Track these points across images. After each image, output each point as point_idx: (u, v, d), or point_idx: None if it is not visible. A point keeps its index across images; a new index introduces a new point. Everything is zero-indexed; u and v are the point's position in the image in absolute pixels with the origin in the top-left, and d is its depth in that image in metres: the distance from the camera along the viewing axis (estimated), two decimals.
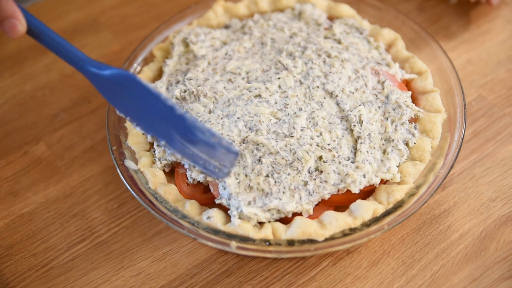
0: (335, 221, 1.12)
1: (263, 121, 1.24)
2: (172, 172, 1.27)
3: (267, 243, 1.11)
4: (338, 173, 1.17)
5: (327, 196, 1.16)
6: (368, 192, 1.19)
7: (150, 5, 1.77)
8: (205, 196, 1.22)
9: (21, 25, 1.08)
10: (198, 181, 1.22)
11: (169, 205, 1.17)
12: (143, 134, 1.23)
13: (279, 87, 1.31)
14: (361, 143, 1.21)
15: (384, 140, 1.23)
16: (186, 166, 1.21)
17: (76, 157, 1.42)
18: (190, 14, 1.53)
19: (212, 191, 1.20)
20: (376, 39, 1.44)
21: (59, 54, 1.13)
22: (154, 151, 1.25)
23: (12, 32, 1.07)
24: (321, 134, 1.23)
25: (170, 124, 1.12)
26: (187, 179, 1.22)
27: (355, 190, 1.15)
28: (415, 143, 1.23)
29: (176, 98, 1.28)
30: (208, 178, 1.18)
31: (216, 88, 1.30)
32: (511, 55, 1.54)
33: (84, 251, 1.26)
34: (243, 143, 1.21)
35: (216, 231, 1.12)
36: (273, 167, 1.18)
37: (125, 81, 1.11)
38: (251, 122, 1.24)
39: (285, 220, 1.15)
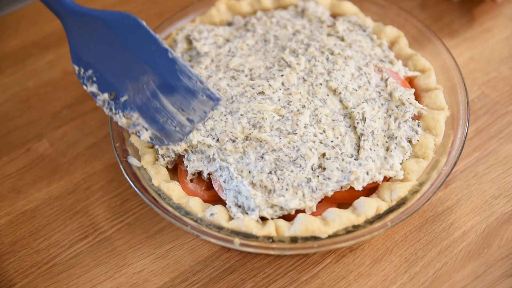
0: (338, 218, 1.12)
1: (266, 118, 1.24)
2: (175, 169, 1.27)
3: (270, 240, 1.11)
4: (341, 170, 1.17)
5: (330, 193, 1.16)
6: (371, 189, 1.19)
7: (152, 2, 1.77)
8: (208, 193, 1.22)
9: None
10: (199, 175, 1.22)
11: (172, 202, 1.17)
12: (91, 92, 1.17)
13: (282, 84, 1.31)
14: (364, 140, 1.21)
15: (387, 137, 1.23)
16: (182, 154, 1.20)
17: (79, 154, 1.42)
18: (192, 11, 1.53)
19: (216, 188, 1.20)
20: (379, 36, 1.44)
21: None
22: (157, 148, 1.25)
23: None
24: (324, 131, 1.23)
25: (153, 70, 1.12)
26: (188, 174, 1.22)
27: (358, 187, 1.15)
28: (418, 141, 1.23)
29: None
30: (158, 147, 1.19)
31: (219, 85, 1.31)
32: None
33: (87, 248, 1.26)
34: (246, 140, 1.21)
35: (219, 228, 1.12)
36: (276, 164, 1.18)
37: (124, 21, 1.12)
38: (254, 119, 1.24)
39: (288, 217, 1.15)
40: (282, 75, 1.31)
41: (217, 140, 1.22)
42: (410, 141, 1.24)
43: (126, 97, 1.15)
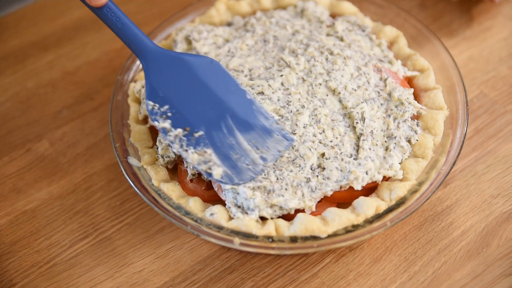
0: (338, 218, 1.12)
1: None
2: (175, 169, 1.27)
3: (270, 240, 1.11)
4: (341, 170, 1.18)
5: (329, 193, 1.16)
6: (370, 189, 1.20)
7: (152, 2, 1.77)
8: (208, 193, 1.22)
9: None
10: (199, 175, 1.22)
11: (172, 201, 1.17)
12: (163, 128, 1.17)
13: (282, 84, 1.31)
14: (363, 140, 1.21)
15: (387, 137, 1.24)
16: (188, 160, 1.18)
17: (79, 154, 1.42)
18: (192, 12, 1.53)
19: (215, 188, 1.21)
20: (378, 36, 1.44)
21: (121, 34, 1.21)
22: (157, 148, 1.26)
23: (95, 2, 1.15)
24: (323, 131, 1.23)
25: (233, 108, 1.17)
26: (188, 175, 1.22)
27: (358, 187, 1.16)
28: (417, 140, 1.24)
29: None
30: (158, 147, 1.23)
31: None
32: None
33: (87, 248, 1.26)
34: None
35: (219, 228, 1.13)
36: (275, 164, 1.18)
37: (205, 63, 1.19)
38: None
39: (288, 217, 1.15)
40: (281, 75, 1.32)
41: None
42: (409, 141, 1.24)
43: (202, 133, 1.16)
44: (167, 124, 1.17)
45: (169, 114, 1.17)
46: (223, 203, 1.19)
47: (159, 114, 1.17)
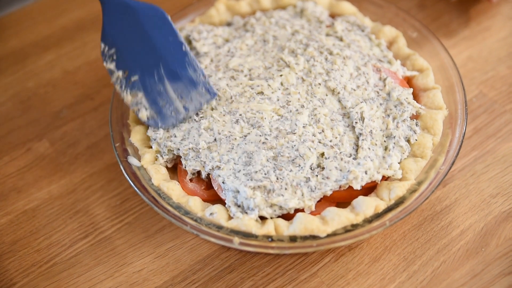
0: (337, 217, 1.12)
1: (265, 118, 1.24)
2: (175, 168, 1.28)
3: (270, 239, 1.11)
4: (340, 170, 1.18)
5: (329, 193, 1.16)
6: (369, 189, 1.20)
7: (152, 2, 1.77)
8: (208, 192, 1.22)
9: None
10: (198, 174, 1.22)
11: (172, 201, 1.18)
12: (109, 69, 1.29)
13: (281, 84, 1.31)
14: (362, 139, 1.22)
15: (386, 137, 1.24)
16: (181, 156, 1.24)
17: (79, 153, 1.43)
18: (192, 12, 1.53)
19: (215, 188, 1.21)
20: (377, 36, 1.45)
21: None
22: (152, 145, 1.26)
23: None
24: (323, 131, 1.23)
25: (165, 57, 1.27)
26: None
27: (357, 186, 1.16)
28: (416, 140, 1.24)
29: None
30: (150, 128, 1.29)
31: (219, 85, 1.31)
32: None
33: (87, 247, 1.27)
34: (245, 138, 1.22)
35: (219, 227, 1.13)
36: (275, 164, 1.18)
37: (152, 12, 1.30)
38: (253, 119, 1.25)
39: (287, 216, 1.16)
40: (281, 75, 1.32)
41: (214, 139, 1.23)
42: (408, 141, 1.24)
43: (136, 77, 1.28)
44: (112, 66, 1.29)
45: (115, 57, 1.29)
46: (222, 202, 1.19)
47: (107, 56, 1.29)
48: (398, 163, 1.21)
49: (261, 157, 1.19)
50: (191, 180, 1.24)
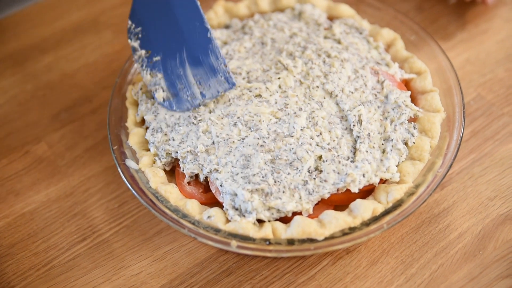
0: (335, 220, 1.12)
1: (263, 121, 1.25)
2: (172, 171, 1.28)
3: (267, 242, 1.11)
4: (338, 173, 1.18)
5: (326, 196, 1.16)
6: (367, 192, 1.20)
7: None
8: (206, 195, 1.22)
9: None
10: (196, 177, 1.22)
11: (169, 204, 1.18)
12: (133, 46, 1.32)
13: (279, 87, 1.31)
14: (360, 142, 1.22)
15: (384, 140, 1.24)
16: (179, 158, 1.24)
17: (77, 156, 1.43)
18: None
19: (213, 191, 1.21)
20: (375, 39, 1.45)
21: None
22: (150, 148, 1.26)
23: None
24: (320, 134, 1.23)
25: (190, 43, 1.30)
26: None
27: (355, 189, 1.16)
28: (414, 143, 1.24)
29: None
30: (148, 131, 1.29)
31: None
32: (510, 54, 1.55)
33: (85, 250, 1.27)
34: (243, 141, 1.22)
35: (216, 230, 1.13)
36: (272, 167, 1.18)
37: None
38: (251, 121, 1.25)
39: (285, 220, 1.16)
40: (279, 78, 1.32)
41: (213, 142, 1.23)
42: (406, 143, 1.24)
43: (158, 58, 1.31)
44: (136, 44, 1.32)
45: (140, 35, 1.32)
46: (220, 205, 1.19)
47: (133, 33, 1.32)
48: (396, 166, 1.21)
49: (259, 160, 1.19)
50: (189, 183, 1.24)
